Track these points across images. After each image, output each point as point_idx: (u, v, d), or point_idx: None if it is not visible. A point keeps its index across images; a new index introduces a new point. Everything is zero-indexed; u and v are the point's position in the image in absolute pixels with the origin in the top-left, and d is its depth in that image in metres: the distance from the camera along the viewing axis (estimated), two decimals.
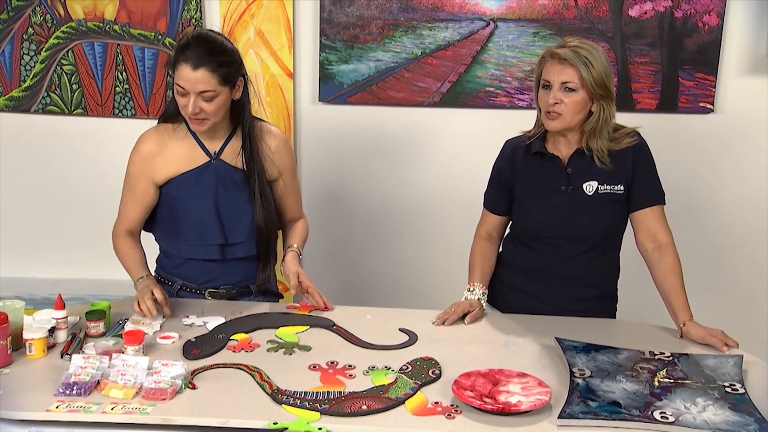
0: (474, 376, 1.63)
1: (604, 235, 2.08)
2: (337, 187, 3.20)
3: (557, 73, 1.99)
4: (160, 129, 2.17)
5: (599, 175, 2.05)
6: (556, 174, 2.09)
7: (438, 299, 3.23)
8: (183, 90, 2.00)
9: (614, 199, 2.05)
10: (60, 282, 3.25)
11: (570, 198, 2.07)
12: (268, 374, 1.67)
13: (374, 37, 3.01)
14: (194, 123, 2.06)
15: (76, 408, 1.50)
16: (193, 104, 2.00)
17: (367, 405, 1.52)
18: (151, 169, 2.14)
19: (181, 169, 2.14)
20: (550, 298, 2.13)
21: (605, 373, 1.66)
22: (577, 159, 2.07)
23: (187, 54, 1.97)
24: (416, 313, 2.10)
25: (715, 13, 2.85)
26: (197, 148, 2.15)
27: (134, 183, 2.16)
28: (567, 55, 1.96)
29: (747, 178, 3.02)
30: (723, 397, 1.56)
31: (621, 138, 2.05)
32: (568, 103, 1.98)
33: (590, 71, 1.95)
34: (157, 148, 2.14)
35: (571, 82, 1.97)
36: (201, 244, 2.15)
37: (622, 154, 2.04)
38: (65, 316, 1.84)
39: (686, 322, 1.95)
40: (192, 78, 1.97)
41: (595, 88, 1.96)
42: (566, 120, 2.01)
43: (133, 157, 2.17)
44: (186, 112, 2.03)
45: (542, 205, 2.10)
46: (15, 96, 3.13)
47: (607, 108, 2.00)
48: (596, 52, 1.98)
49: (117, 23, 3.05)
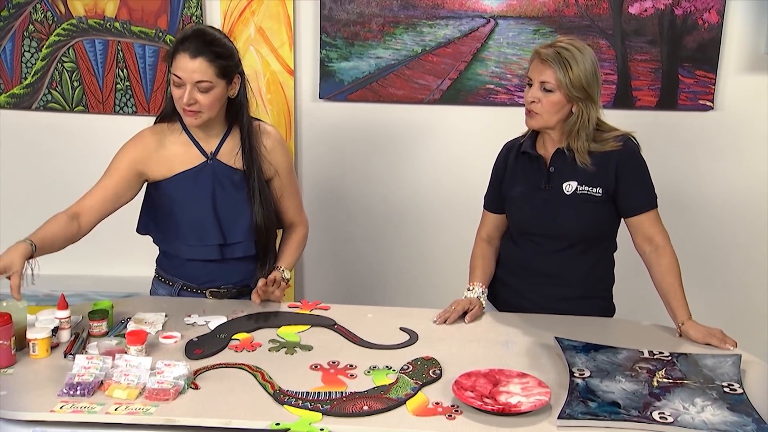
0: (474, 377, 1.64)
1: (581, 234, 2.10)
2: (338, 184, 3.21)
3: (538, 72, 2.02)
4: (157, 128, 2.18)
5: (580, 175, 2.07)
6: (539, 172, 2.13)
7: (438, 296, 3.25)
8: (179, 80, 2.00)
9: (592, 200, 2.07)
10: (61, 278, 3.25)
11: (549, 196, 2.10)
12: (269, 374, 1.68)
13: (375, 35, 3.02)
14: (188, 116, 2.05)
15: (80, 408, 1.52)
16: (188, 95, 2.00)
17: (369, 405, 1.54)
18: (144, 163, 2.13)
19: (176, 168, 2.14)
20: (531, 294, 2.16)
21: (604, 372, 1.68)
22: (559, 159, 2.09)
23: (186, 44, 1.99)
24: (416, 312, 2.12)
25: (715, 10, 2.85)
26: (193, 148, 2.15)
27: (114, 169, 2.11)
28: (548, 56, 1.99)
29: (747, 176, 3.03)
30: (721, 397, 1.58)
31: (607, 140, 2.05)
32: (545, 103, 2.01)
33: (567, 74, 1.97)
34: (154, 144, 2.14)
35: (549, 83, 2.00)
36: (200, 244, 2.15)
37: (606, 157, 2.05)
38: (68, 315, 1.86)
39: (685, 321, 1.97)
40: (190, 67, 1.98)
41: (571, 90, 1.98)
42: (543, 119, 2.04)
43: (127, 146, 2.15)
44: (180, 104, 2.03)
45: (524, 201, 2.15)
46: (16, 93, 3.14)
47: (585, 110, 2.02)
48: (581, 55, 1.99)
49: (118, 20, 3.05)
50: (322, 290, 3.29)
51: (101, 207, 2.11)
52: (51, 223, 2.03)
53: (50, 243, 1.98)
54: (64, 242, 2.04)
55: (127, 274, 3.18)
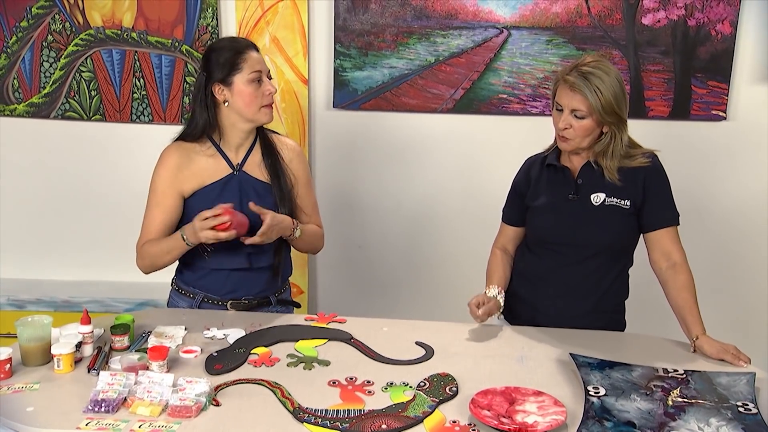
0: (491, 395, 1.66)
1: (608, 245, 2.12)
2: (351, 192, 3.24)
3: (568, 98, 2.04)
4: (182, 144, 2.22)
5: (607, 188, 2.09)
6: (566, 184, 2.15)
7: (450, 301, 3.28)
8: (259, 74, 2.15)
9: (620, 212, 2.09)
10: (79, 284, 3.31)
11: (577, 206, 2.12)
12: (288, 390, 1.71)
13: (388, 44, 3.04)
14: (269, 109, 2.19)
15: (105, 426, 1.55)
16: (271, 83, 2.19)
17: (387, 424, 1.56)
18: (180, 181, 2.19)
19: (205, 181, 2.20)
20: (545, 307, 2.18)
21: (620, 391, 1.70)
22: (587, 171, 2.12)
23: (243, 45, 2.17)
24: (432, 325, 2.14)
25: (728, 21, 2.86)
26: (221, 161, 2.21)
27: (162, 196, 2.19)
28: (576, 83, 2.00)
29: (759, 185, 3.04)
30: (736, 417, 1.60)
31: (636, 156, 2.08)
32: (577, 128, 2.04)
33: (599, 99, 1.99)
34: (183, 160, 2.19)
35: (580, 110, 2.02)
36: (229, 252, 2.18)
37: (633, 172, 2.08)
38: (91, 330, 1.89)
39: (699, 336, 1.99)
40: (260, 58, 2.18)
41: (603, 115, 2.01)
42: (576, 142, 2.07)
43: (159, 171, 2.20)
44: (269, 98, 2.17)
45: (550, 210, 2.16)
46: (35, 102, 3.18)
47: (618, 132, 2.05)
48: (608, 78, 2.00)
49: (135, 31, 3.09)
50: (336, 296, 3.33)
51: (168, 229, 2.20)
52: (154, 242, 2.19)
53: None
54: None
55: (143, 279, 3.20)
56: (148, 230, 2.20)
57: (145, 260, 2.20)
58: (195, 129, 2.19)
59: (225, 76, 2.13)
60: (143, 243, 2.20)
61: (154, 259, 2.18)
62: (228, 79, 2.13)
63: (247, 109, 2.15)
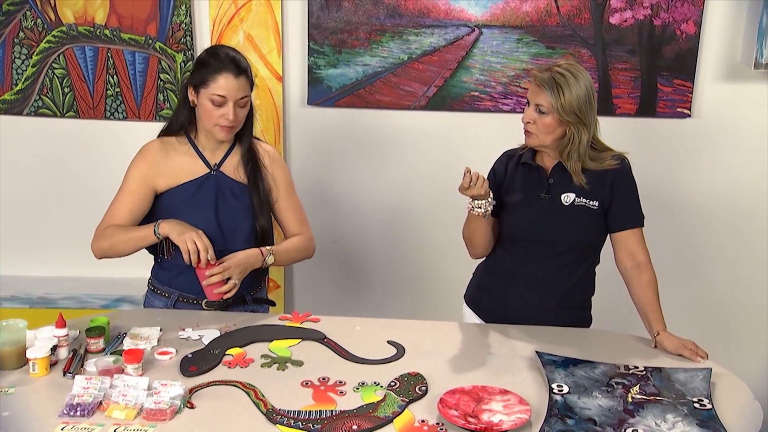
0: (458, 394, 1.72)
1: (576, 243, 2.19)
2: (326, 188, 3.27)
3: (533, 94, 2.12)
4: (164, 140, 2.27)
5: (577, 188, 2.16)
6: (539, 183, 2.21)
7: (423, 294, 3.34)
8: (222, 99, 2.13)
9: (589, 212, 2.16)
10: (54, 280, 3.31)
11: (548, 205, 2.19)
12: (262, 392, 1.75)
13: (362, 42, 3.07)
14: (223, 131, 2.18)
15: (81, 430, 1.58)
16: (233, 112, 2.14)
17: (358, 425, 1.61)
18: (154, 175, 2.22)
19: (181, 179, 2.23)
20: (515, 302, 2.24)
21: (582, 388, 1.76)
22: (559, 171, 2.18)
23: (226, 65, 2.14)
24: (404, 324, 2.18)
25: (693, 21, 2.92)
26: (198, 160, 2.25)
27: (135, 185, 2.21)
28: (542, 80, 2.08)
29: (723, 179, 3.12)
30: (691, 413, 1.67)
31: (604, 159, 2.15)
32: (539, 124, 2.11)
33: (559, 99, 2.06)
34: (161, 155, 2.24)
35: (542, 106, 2.09)
36: None
37: (602, 174, 2.15)
38: (66, 333, 1.91)
39: (660, 332, 2.06)
40: (234, 85, 2.13)
41: (562, 114, 2.07)
42: (539, 138, 2.14)
43: (136, 162, 2.23)
44: (220, 121, 2.15)
45: (521, 208, 2.22)
46: (7, 99, 3.17)
47: (577, 134, 2.10)
48: (575, 81, 2.06)
49: (107, 28, 3.08)
50: (313, 288, 3.37)
51: (133, 219, 2.22)
52: (119, 228, 2.19)
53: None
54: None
55: (119, 276, 3.23)
56: (114, 215, 2.21)
57: (104, 243, 2.19)
58: (176, 123, 2.27)
59: (196, 84, 2.17)
60: (106, 226, 2.20)
61: (114, 244, 2.18)
62: (197, 88, 2.17)
63: (204, 122, 2.20)
